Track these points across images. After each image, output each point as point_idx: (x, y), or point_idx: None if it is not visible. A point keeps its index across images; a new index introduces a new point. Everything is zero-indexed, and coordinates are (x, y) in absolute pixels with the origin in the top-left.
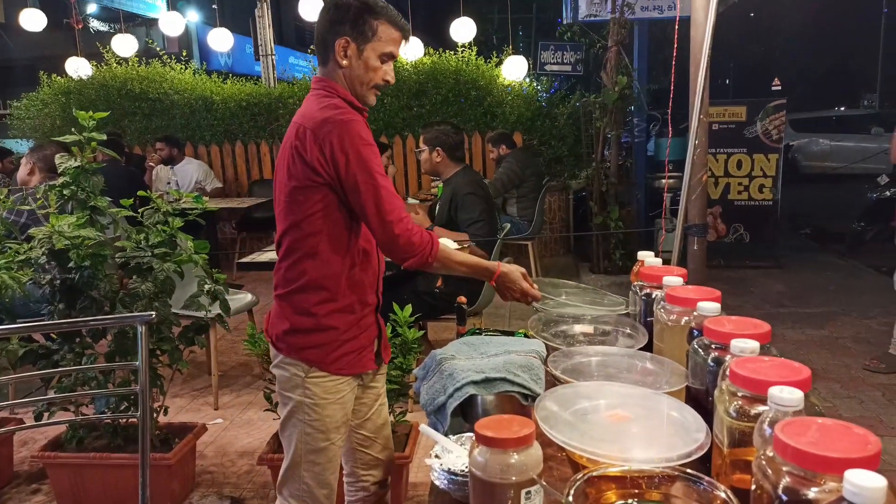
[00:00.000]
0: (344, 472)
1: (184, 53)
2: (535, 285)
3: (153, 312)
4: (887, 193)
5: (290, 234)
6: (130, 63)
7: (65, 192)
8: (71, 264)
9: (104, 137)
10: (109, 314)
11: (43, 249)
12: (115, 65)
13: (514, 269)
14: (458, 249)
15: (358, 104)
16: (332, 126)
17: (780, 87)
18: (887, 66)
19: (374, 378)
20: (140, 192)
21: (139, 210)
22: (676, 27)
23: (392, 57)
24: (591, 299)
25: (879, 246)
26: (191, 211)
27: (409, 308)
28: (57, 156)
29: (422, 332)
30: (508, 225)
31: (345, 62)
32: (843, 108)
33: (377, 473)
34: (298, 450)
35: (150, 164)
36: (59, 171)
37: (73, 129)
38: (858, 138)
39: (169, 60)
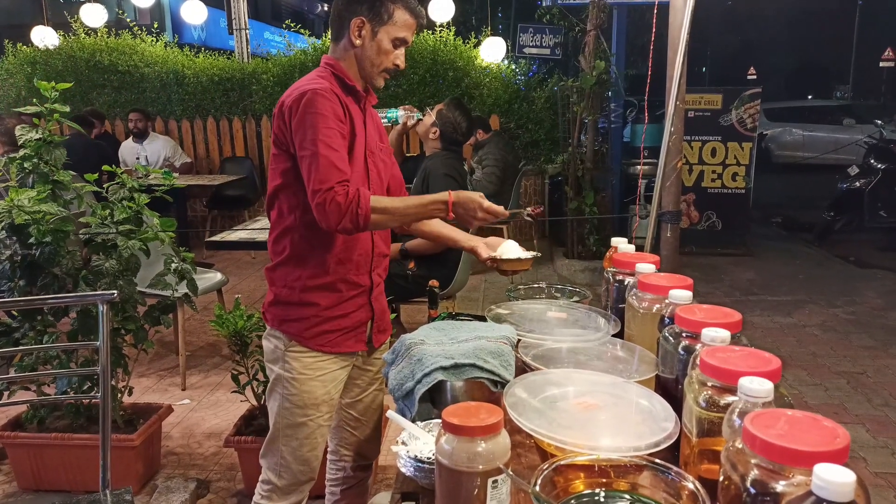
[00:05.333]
0: (329, 448)
1: (155, 25)
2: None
3: (115, 291)
4: (857, 184)
5: (274, 207)
6: (100, 34)
7: (26, 165)
8: (32, 240)
9: (67, 109)
10: (72, 292)
11: (2, 224)
12: (83, 35)
13: (466, 194)
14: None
15: (351, 83)
16: (295, 95)
17: (755, 76)
18: (861, 58)
19: (370, 361)
20: (105, 167)
21: (104, 185)
22: (655, 12)
23: (405, 43)
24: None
25: (848, 236)
26: (158, 187)
27: None
28: (17, 127)
29: (394, 315)
30: None
31: (358, 41)
32: (816, 99)
33: (360, 456)
34: (277, 423)
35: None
36: (19, 144)
37: (34, 100)
38: (831, 129)
39: (140, 32)
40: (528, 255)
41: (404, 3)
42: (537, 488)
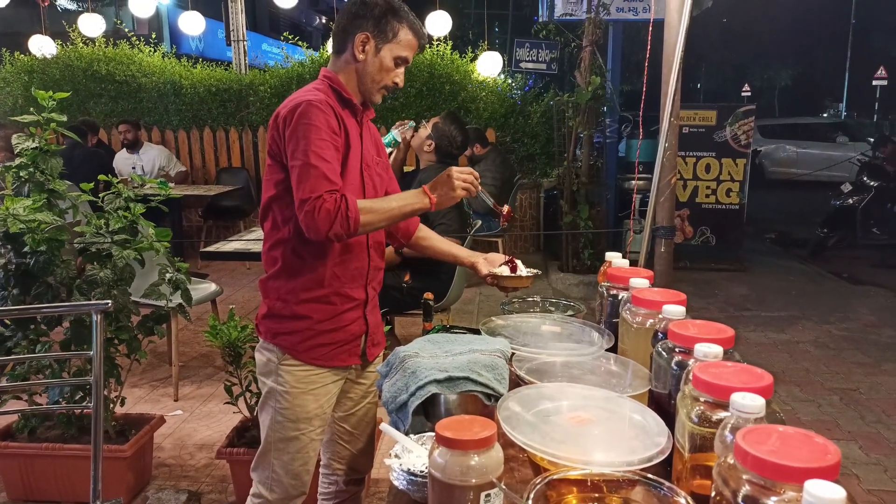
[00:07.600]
0: (321, 462)
1: (153, 36)
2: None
3: (109, 301)
4: (850, 201)
5: (268, 218)
6: (97, 44)
7: (21, 173)
8: (26, 249)
9: (64, 118)
10: (66, 301)
11: None
12: (81, 45)
13: (439, 177)
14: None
15: (348, 95)
16: (290, 106)
17: (749, 93)
18: (854, 76)
19: (363, 374)
20: (101, 177)
21: (100, 195)
22: (650, 29)
23: (406, 62)
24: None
25: (841, 253)
26: (153, 197)
27: None
28: (14, 136)
29: (388, 327)
30: (480, 221)
31: (361, 56)
32: (810, 116)
33: (352, 470)
34: (269, 436)
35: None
36: (15, 152)
37: (31, 109)
38: (824, 146)
39: (138, 42)
40: (529, 272)
41: (409, 23)
42: (530, 502)
